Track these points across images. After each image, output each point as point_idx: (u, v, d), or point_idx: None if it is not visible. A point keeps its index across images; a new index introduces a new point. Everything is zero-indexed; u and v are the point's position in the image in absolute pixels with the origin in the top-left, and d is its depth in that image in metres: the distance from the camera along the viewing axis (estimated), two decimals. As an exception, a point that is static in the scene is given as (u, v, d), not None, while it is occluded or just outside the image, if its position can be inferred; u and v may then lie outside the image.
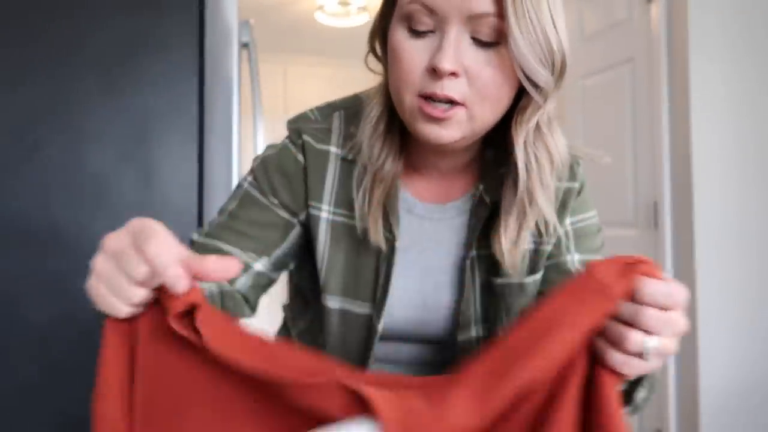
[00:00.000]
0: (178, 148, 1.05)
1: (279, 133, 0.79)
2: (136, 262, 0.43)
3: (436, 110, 0.58)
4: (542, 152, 0.64)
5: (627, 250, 2.31)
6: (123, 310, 0.46)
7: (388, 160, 0.66)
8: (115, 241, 0.45)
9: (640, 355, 0.44)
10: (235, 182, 1.07)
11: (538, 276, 0.72)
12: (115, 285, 0.45)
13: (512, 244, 0.66)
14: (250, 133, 1.31)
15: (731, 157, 1.95)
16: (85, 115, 1.03)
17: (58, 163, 1.01)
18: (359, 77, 1.09)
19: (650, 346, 0.43)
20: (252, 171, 0.72)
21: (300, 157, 0.70)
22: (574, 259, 0.73)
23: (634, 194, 2.17)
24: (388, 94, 0.65)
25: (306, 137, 0.70)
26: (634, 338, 0.43)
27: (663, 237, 2.02)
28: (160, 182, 1.04)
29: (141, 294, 0.45)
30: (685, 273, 1.95)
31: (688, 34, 1.92)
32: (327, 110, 0.73)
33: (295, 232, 0.71)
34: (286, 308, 0.84)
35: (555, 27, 0.60)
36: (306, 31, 4.25)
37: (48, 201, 1.01)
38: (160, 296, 0.45)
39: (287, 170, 0.70)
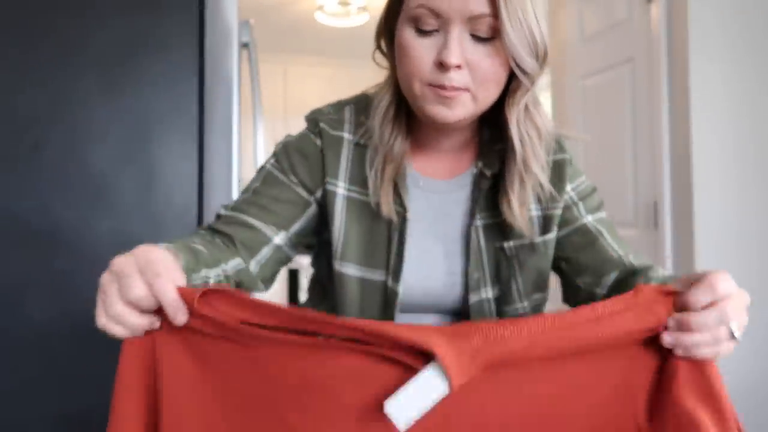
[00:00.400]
0: (178, 148, 1.05)
1: (279, 133, 0.81)
2: (137, 289, 0.48)
3: (446, 92, 0.67)
4: (531, 128, 0.75)
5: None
6: (115, 329, 0.50)
7: (398, 140, 0.76)
8: (122, 264, 0.50)
9: (732, 338, 0.55)
10: (235, 182, 1.07)
11: (549, 237, 0.81)
12: (111, 306, 0.49)
13: (520, 205, 0.75)
14: (250, 133, 1.31)
15: (731, 157, 1.95)
16: (86, 115, 1.03)
17: (58, 163, 1.02)
18: (359, 77, 1.10)
19: (735, 328, 0.55)
20: (274, 154, 0.80)
21: (318, 141, 0.79)
22: (589, 220, 0.82)
23: (634, 194, 2.17)
24: (395, 85, 0.75)
25: (322, 124, 0.79)
26: (725, 332, 0.54)
27: (663, 237, 2.02)
28: (160, 182, 1.04)
29: (135, 320, 0.49)
30: (685, 273, 1.95)
31: (688, 34, 1.92)
32: (338, 106, 0.83)
33: (311, 210, 0.79)
34: (307, 304, 0.90)
35: (538, 22, 0.69)
36: (306, 31, 4.25)
37: (49, 201, 1.01)
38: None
39: (306, 151, 0.79)
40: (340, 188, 0.78)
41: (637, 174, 2.17)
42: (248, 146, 1.43)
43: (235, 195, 1.08)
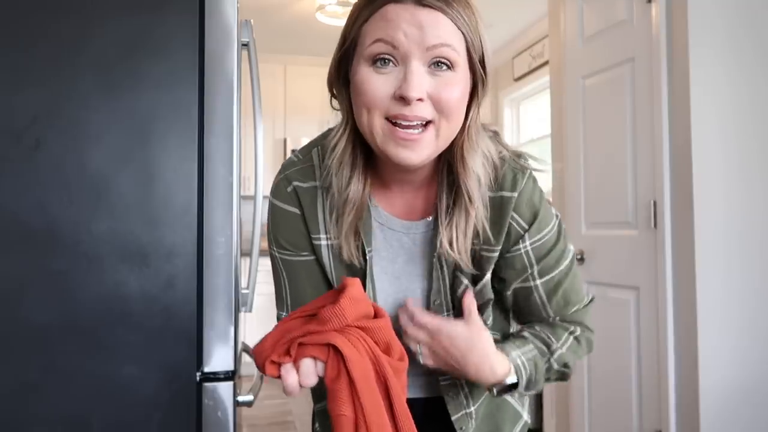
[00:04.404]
0: (178, 148, 1.05)
1: (279, 133, 0.82)
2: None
3: (410, 135, 0.67)
4: (476, 160, 0.76)
5: (627, 250, 2.30)
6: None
7: (355, 185, 0.76)
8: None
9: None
10: (235, 182, 1.07)
11: (484, 279, 0.82)
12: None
13: (464, 236, 0.77)
14: (250, 133, 1.31)
15: (731, 157, 1.95)
16: (85, 114, 1.03)
17: (57, 164, 1.01)
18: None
19: (420, 353, 0.76)
20: (274, 242, 0.85)
21: (295, 210, 0.82)
22: (537, 285, 0.84)
23: (634, 194, 2.17)
24: (351, 127, 0.75)
25: (295, 183, 0.81)
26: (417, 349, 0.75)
27: (662, 237, 2.02)
28: (160, 182, 1.04)
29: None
30: (685, 273, 1.95)
31: (688, 34, 1.92)
32: (306, 149, 0.84)
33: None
34: None
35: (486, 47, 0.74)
36: (306, 31, 4.25)
37: (48, 201, 1.01)
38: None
39: (293, 225, 0.82)
40: (323, 240, 0.82)
41: (636, 174, 2.16)
42: (248, 146, 1.43)
43: (236, 195, 1.08)
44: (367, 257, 0.80)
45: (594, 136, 2.41)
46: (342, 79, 0.76)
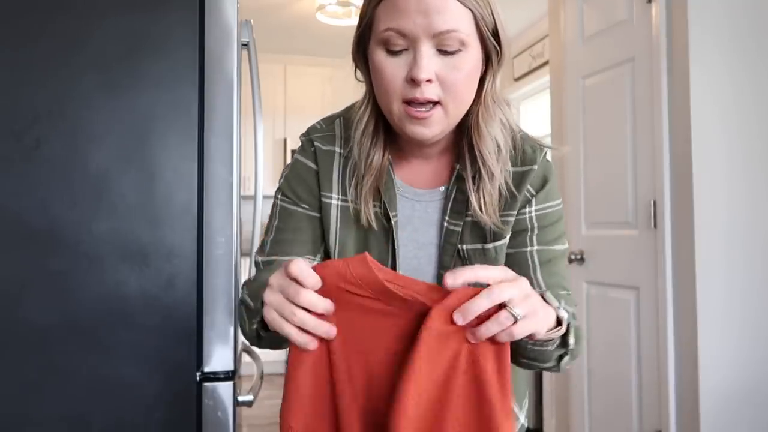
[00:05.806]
0: (179, 148, 1.05)
1: (279, 133, 0.83)
2: (297, 293, 0.59)
3: (420, 113, 0.73)
4: (497, 130, 0.80)
5: (627, 250, 2.30)
6: (292, 332, 0.61)
7: (377, 153, 0.82)
8: (279, 279, 0.61)
9: (515, 322, 0.59)
10: (235, 182, 1.07)
11: (499, 243, 0.84)
12: (285, 310, 0.60)
13: (490, 199, 0.80)
14: (250, 133, 1.31)
15: (733, 157, 1.95)
16: (86, 114, 1.03)
17: (58, 163, 1.01)
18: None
19: (517, 311, 0.59)
20: (279, 190, 0.88)
21: (312, 165, 0.86)
22: (531, 250, 0.85)
23: (634, 194, 2.17)
24: (373, 101, 0.81)
25: (316, 143, 0.86)
26: (505, 314, 0.59)
27: (662, 237, 2.02)
28: (160, 182, 1.04)
29: (305, 316, 0.60)
30: (685, 273, 1.95)
31: (688, 34, 1.92)
32: (329, 120, 0.89)
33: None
34: None
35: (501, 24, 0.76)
36: (306, 31, 4.25)
37: (48, 201, 1.01)
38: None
39: (304, 177, 0.86)
40: (333, 199, 0.85)
41: (636, 174, 2.16)
42: (248, 146, 1.43)
43: (236, 195, 1.08)
44: (392, 222, 0.83)
45: (594, 136, 2.41)
46: (362, 56, 0.81)
